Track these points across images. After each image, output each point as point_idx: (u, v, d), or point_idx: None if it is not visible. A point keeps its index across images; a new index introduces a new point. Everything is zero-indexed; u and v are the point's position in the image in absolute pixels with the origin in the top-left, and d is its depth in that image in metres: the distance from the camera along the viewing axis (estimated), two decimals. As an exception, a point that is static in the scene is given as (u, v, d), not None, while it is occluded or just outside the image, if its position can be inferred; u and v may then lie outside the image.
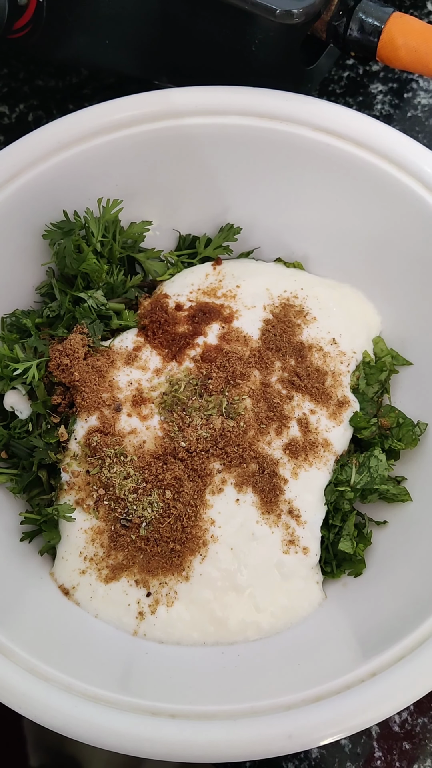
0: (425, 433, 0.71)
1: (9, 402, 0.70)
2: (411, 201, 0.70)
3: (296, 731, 0.52)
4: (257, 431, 0.68)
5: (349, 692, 0.54)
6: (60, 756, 1.44)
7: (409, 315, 0.75)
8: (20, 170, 0.72)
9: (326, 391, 0.71)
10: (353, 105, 0.92)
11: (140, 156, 0.74)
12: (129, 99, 0.74)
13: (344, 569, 0.68)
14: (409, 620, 0.58)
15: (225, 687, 0.59)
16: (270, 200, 0.77)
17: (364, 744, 0.67)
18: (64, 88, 0.95)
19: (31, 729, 1.25)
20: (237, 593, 0.65)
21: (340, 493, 0.69)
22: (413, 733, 0.68)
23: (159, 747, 0.52)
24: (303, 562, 0.67)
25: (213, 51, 0.77)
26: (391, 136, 0.71)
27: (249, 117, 0.73)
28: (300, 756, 0.67)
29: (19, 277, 0.75)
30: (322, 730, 0.53)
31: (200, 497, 0.67)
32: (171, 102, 0.73)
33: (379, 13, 0.72)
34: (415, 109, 0.92)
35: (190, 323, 0.73)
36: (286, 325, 0.74)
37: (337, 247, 0.78)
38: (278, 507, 0.67)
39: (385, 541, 0.69)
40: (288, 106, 0.72)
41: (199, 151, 0.74)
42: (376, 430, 0.72)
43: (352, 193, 0.74)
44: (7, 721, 1.20)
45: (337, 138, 0.72)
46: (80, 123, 0.73)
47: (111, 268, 0.75)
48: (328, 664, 0.59)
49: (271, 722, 0.53)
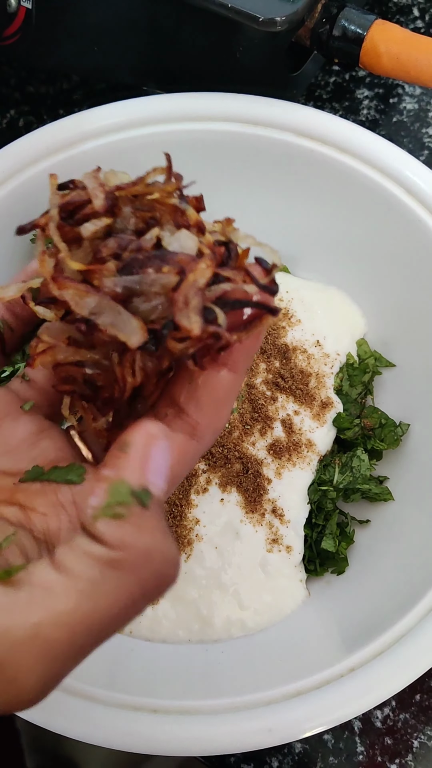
0: (407, 434, 0.72)
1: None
2: (394, 206, 0.71)
3: (276, 725, 0.54)
4: (242, 432, 0.70)
5: (328, 687, 0.55)
6: (56, 757, 1.45)
7: (393, 317, 0.76)
8: (9, 175, 0.73)
9: (310, 393, 0.72)
10: (339, 110, 0.94)
11: (126, 161, 0.75)
12: (116, 105, 0.75)
13: (327, 567, 0.69)
14: (388, 617, 0.59)
15: (208, 683, 0.60)
16: (255, 204, 0.78)
17: (346, 739, 0.68)
18: (54, 94, 0.96)
19: (27, 731, 1.26)
20: (222, 591, 0.67)
21: (323, 492, 0.70)
22: (395, 728, 0.69)
23: (141, 741, 0.53)
24: (287, 560, 0.68)
25: (200, 58, 0.78)
26: (374, 142, 0.72)
27: (234, 123, 0.74)
28: (283, 751, 0.68)
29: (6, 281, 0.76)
30: (302, 724, 0.54)
31: (185, 497, 0.68)
32: (157, 108, 0.74)
33: (361, 20, 0.74)
34: (401, 114, 0.93)
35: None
36: (271, 327, 0.75)
37: (323, 251, 0.79)
38: (262, 506, 0.68)
39: (368, 540, 0.70)
40: (272, 112, 0.73)
41: (184, 156, 0.75)
42: (359, 430, 0.73)
43: (337, 197, 0.75)
44: (2, 723, 1.21)
45: (321, 144, 0.73)
46: (68, 128, 0.74)
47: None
48: (310, 659, 0.60)
49: (251, 716, 0.54)
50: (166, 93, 0.82)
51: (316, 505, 0.70)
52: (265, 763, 0.68)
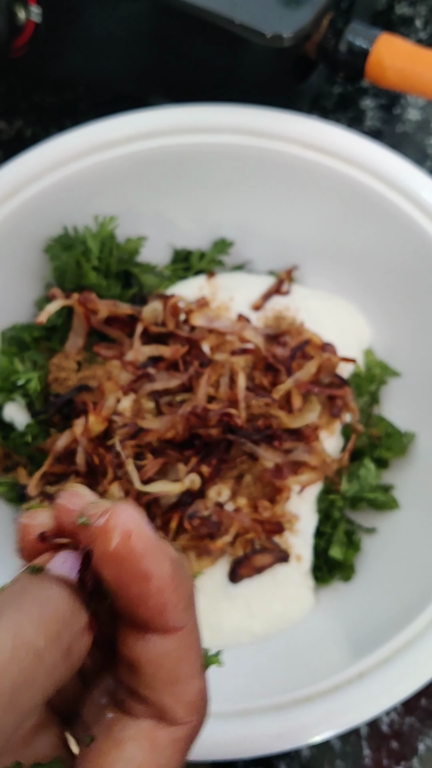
0: (413, 443, 0.74)
1: (8, 414, 0.73)
2: (399, 217, 0.73)
3: (286, 730, 0.55)
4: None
5: (337, 692, 0.56)
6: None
7: (398, 327, 0.77)
8: (18, 187, 0.74)
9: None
10: (344, 120, 0.95)
11: (135, 173, 0.76)
12: (124, 117, 0.76)
13: (335, 575, 0.70)
14: (395, 623, 0.60)
15: (217, 689, 0.61)
16: (262, 215, 0.80)
17: (353, 743, 0.69)
18: (60, 104, 0.97)
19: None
20: (231, 600, 0.68)
21: (331, 501, 0.71)
22: (401, 732, 0.70)
23: (154, 746, 0.54)
24: (296, 569, 0.69)
25: (206, 70, 0.79)
26: (379, 154, 0.73)
27: (240, 135, 0.75)
28: (291, 755, 0.69)
29: (18, 291, 0.77)
30: (311, 729, 0.55)
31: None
32: (164, 120, 0.75)
33: (367, 34, 0.75)
34: (405, 125, 0.94)
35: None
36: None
37: (329, 260, 0.80)
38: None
39: (374, 548, 0.71)
40: (277, 124, 0.75)
41: (192, 168, 0.77)
42: (366, 439, 0.74)
43: (342, 208, 0.76)
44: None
45: (326, 155, 0.74)
46: (77, 141, 0.75)
47: (108, 282, 0.77)
48: (318, 665, 0.61)
49: (261, 722, 0.55)
50: (172, 103, 0.84)
51: (323, 514, 0.71)
52: (273, 766, 0.69)
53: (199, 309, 0.73)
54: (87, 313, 0.72)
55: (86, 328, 0.73)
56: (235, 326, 0.73)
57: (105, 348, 0.74)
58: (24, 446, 0.73)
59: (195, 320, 0.72)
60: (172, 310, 0.73)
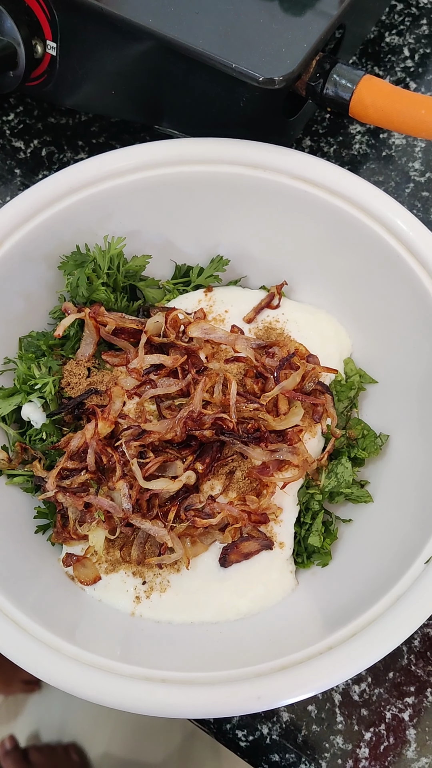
0: (386, 444, 0.82)
1: (26, 413, 0.81)
2: (375, 242, 0.81)
3: (264, 693, 0.64)
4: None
5: (309, 662, 0.65)
6: (59, 743, 1.56)
7: (375, 339, 0.86)
8: (37, 210, 0.82)
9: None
10: (334, 144, 1.03)
11: (142, 198, 0.85)
12: (132, 149, 0.84)
13: (313, 560, 0.79)
14: (364, 603, 0.69)
15: (207, 658, 0.70)
16: (255, 236, 0.88)
17: (328, 710, 0.79)
18: (74, 126, 1.05)
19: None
20: (221, 582, 0.77)
21: (311, 495, 0.80)
22: (370, 701, 0.79)
23: (151, 705, 0.63)
24: (279, 554, 0.78)
25: (207, 104, 0.87)
26: (359, 185, 0.81)
27: (237, 166, 0.83)
28: (273, 719, 0.78)
29: (35, 302, 0.85)
30: (286, 693, 0.64)
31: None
32: (170, 152, 0.83)
33: (351, 75, 0.82)
34: (390, 149, 1.02)
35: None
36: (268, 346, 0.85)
37: (315, 278, 0.89)
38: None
39: (349, 536, 0.80)
40: (270, 157, 0.83)
41: (194, 194, 0.85)
42: (344, 440, 0.83)
43: (326, 233, 0.84)
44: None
45: (312, 186, 0.82)
46: (90, 169, 0.83)
47: (116, 295, 0.85)
48: (295, 639, 0.69)
49: (243, 686, 0.64)
50: (177, 131, 0.92)
51: (304, 506, 0.80)
52: (256, 729, 0.78)
53: (196, 321, 0.81)
54: (97, 326, 0.81)
55: (96, 338, 0.82)
56: (229, 338, 0.82)
57: (112, 356, 0.82)
58: (39, 442, 0.81)
59: (192, 332, 0.81)
60: (172, 323, 0.81)
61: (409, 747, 0.77)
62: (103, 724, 1.68)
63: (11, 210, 0.81)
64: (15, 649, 0.66)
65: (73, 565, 0.77)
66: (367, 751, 0.77)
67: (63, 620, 0.71)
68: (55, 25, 0.87)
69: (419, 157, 1.01)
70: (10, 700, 1.76)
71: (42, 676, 0.65)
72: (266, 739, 0.78)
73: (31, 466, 0.80)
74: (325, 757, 0.77)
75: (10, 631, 0.67)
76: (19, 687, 1.74)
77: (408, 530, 0.74)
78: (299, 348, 0.83)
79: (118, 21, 0.82)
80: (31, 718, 1.74)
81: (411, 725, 0.78)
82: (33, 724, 1.73)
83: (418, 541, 0.71)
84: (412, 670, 0.80)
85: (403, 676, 0.80)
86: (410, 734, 0.78)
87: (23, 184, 1.02)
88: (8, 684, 1.74)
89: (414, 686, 0.79)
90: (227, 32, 0.81)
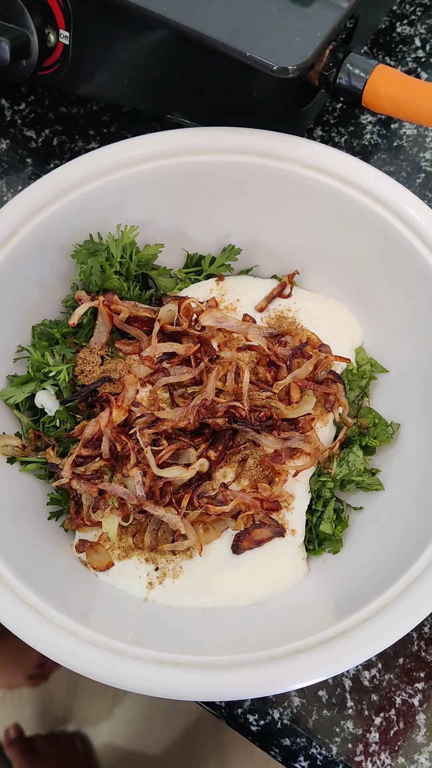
0: (397, 432, 0.83)
1: (40, 400, 0.82)
2: (387, 231, 0.81)
3: (277, 677, 0.64)
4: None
5: (322, 647, 0.66)
6: (64, 732, 1.57)
7: (387, 327, 0.86)
8: (51, 199, 0.82)
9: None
10: (345, 134, 1.03)
11: (155, 187, 0.85)
12: (145, 138, 0.84)
13: (324, 547, 0.80)
14: (375, 589, 0.70)
15: (220, 642, 0.71)
16: (267, 226, 0.88)
17: (338, 695, 0.79)
18: (85, 115, 1.06)
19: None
20: (234, 569, 0.77)
21: (322, 483, 0.81)
22: (380, 687, 0.80)
23: (166, 687, 0.64)
24: (291, 542, 0.79)
25: (220, 93, 0.87)
26: (371, 174, 0.82)
27: (249, 155, 0.84)
28: (284, 704, 0.79)
29: (48, 291, 0.86)
30: (299, 676, 0.64)
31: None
32: (182, 142, 0.84)
33: (364, 65, 0.83)
34: (401, 139, 1.02)
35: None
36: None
37: (326, 267, 0.89)
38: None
39: (360, 524, 0.80)
40: (282, 146, 0.83)
41: (206, 183, 0.85)
42: (356, 429, 0.83)
43: (338, 222, 0.85)
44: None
45: (324, 175, 0.82)
46: (103, 159, 0.83)
47: (128, 284, 0.86)
48: (307, 624, 0.70)
49: (257, 669, 0.65)
50: (189, 120, 0.92)
51: (316, 494, 0.81)
52: (267, 714, 0.79)
53: (209, 310, 0.82)
54: (110, 314, 0.82)
55: (109, 326, 0.82)
56: (241, 326, 0.82)
57: (125, 344, 0.83)
58: (53, 429, 0.82)
59: (204, 320, 0.81)
60: (185, 311, 0.82)
61: (419, 732, 0.78)
62: (108, 713, 1.70)
63: (26, 198, 0.81)
64: (30, 632, 0.67)
65: (86, 551, 0.78)
66: (377, 735, 0.78)
67: (77, 604, 0.72)
68: (68, 14, 0.87)
69: (430, 148, 1.01)
70: (15, 690, 1.77)
71: (57, 658, 0.66)
72: (277, 724, 0.78)
73: (44, 453, 0.81)
74: (336, 741, 0.78)
75: (25, 614, 0.68)
76: (23, 682, 1.75)
77: (419, 518, 0.75)
78: (311, 337, 0.83)
79: (131, 9, 0.82)
80: (36, 708, 1.75)
81: (420, 710, 0.79)
82: (38, 713, 1.75)
83: (429, 529, 0.71)
84: (422, 656, 0.80)
85: (414, 662, 0.80)
86: (420, 719, 0.78)
87: (35, 174, 1.02)
88: (12, 679, 1.76)
89: (424, 672, 0.80)
90: (241, 21, 0.81)
